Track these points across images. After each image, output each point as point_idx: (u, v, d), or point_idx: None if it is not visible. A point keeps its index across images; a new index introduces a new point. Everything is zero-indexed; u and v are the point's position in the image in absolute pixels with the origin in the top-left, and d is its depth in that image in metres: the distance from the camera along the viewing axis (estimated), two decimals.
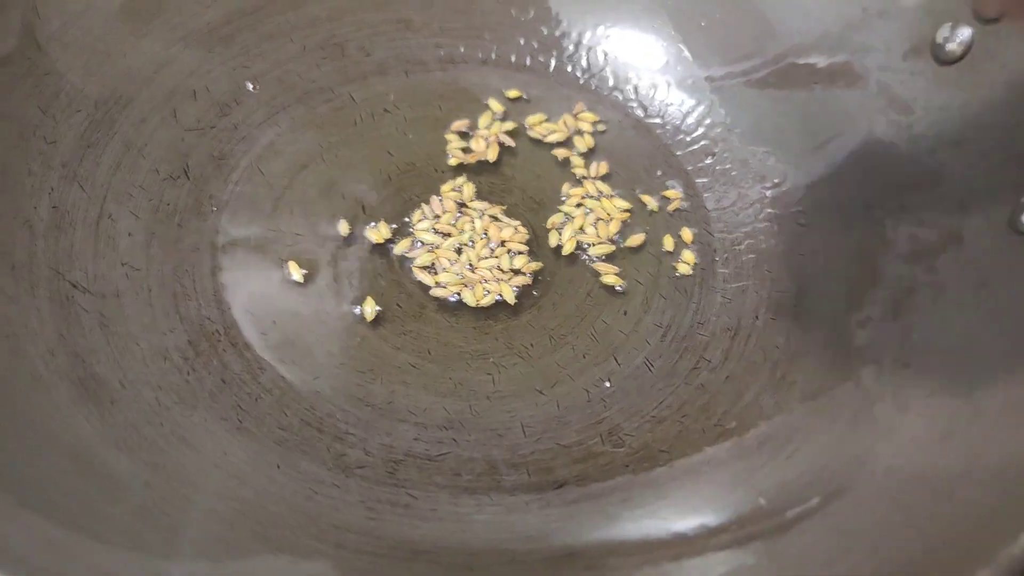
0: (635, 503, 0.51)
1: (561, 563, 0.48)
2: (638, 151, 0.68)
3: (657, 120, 0.69)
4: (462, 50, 0.71)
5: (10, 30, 0.58)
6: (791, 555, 0.46)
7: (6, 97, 0.57)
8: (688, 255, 0.63)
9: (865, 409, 0.52)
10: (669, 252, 0.63)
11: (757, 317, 0.60)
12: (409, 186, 0.65)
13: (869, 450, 0.49)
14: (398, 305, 0.60)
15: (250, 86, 0.66)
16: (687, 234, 0.64)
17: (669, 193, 0.66)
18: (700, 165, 0.67)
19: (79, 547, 0.42)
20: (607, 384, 0.57)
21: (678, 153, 0.68)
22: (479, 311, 0.60)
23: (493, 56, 0.71)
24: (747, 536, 0.47)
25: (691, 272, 0.62)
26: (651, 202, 0.65)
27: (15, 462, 0.44)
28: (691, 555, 0.47)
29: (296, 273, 0.60)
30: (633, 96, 0.70)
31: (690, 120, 0.69)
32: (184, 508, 0.47)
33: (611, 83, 0.71)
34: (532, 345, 0.59)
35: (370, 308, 0.58)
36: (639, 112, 0.70)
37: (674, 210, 0.65)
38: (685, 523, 0.49)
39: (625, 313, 0.60)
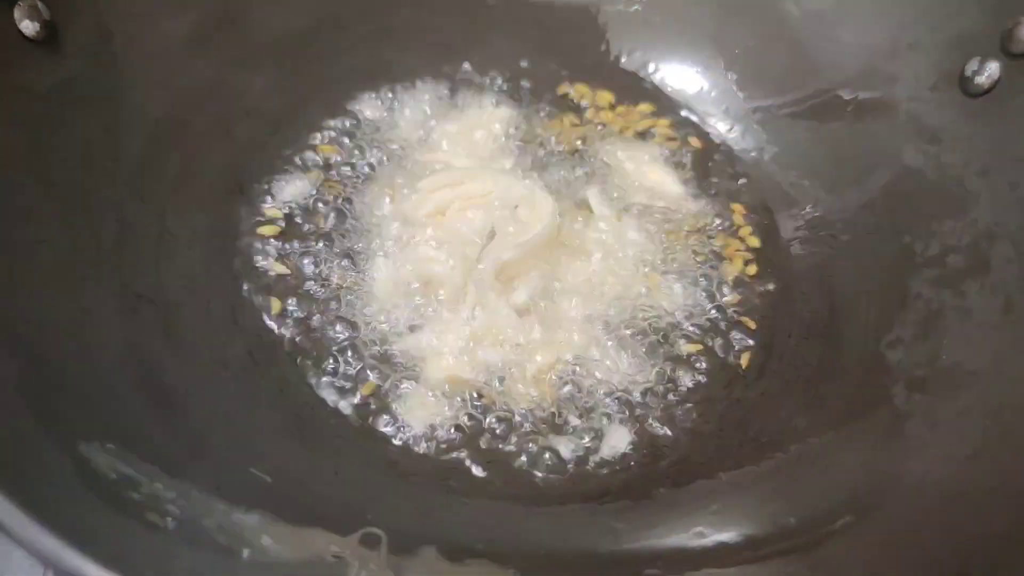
0: (679, 514, 0.53)
1: (608, 570, 0.50)
2: None
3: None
4: None
5: (77, 50, 0.61)
6: (828, 568, 0.48)
7: (73, 115, 0.60)
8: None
9: (896, 427, 0.54)
10: None
11: (790, 336, 0.62)
12: None
13: (900, 467, 0.52)
14: None
15: None
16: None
17: None
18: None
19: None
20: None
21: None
22: None
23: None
24: (786, 549, 0.49)
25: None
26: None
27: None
28: (732, 564, 0.49)
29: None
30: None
31: (729, 144, 0.72)
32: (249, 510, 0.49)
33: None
34: None
35: None
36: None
37: None
38: (726, 534, 0.51)
39: None
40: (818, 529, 0.50)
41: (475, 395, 0.59)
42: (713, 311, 0.64)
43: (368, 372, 0.59)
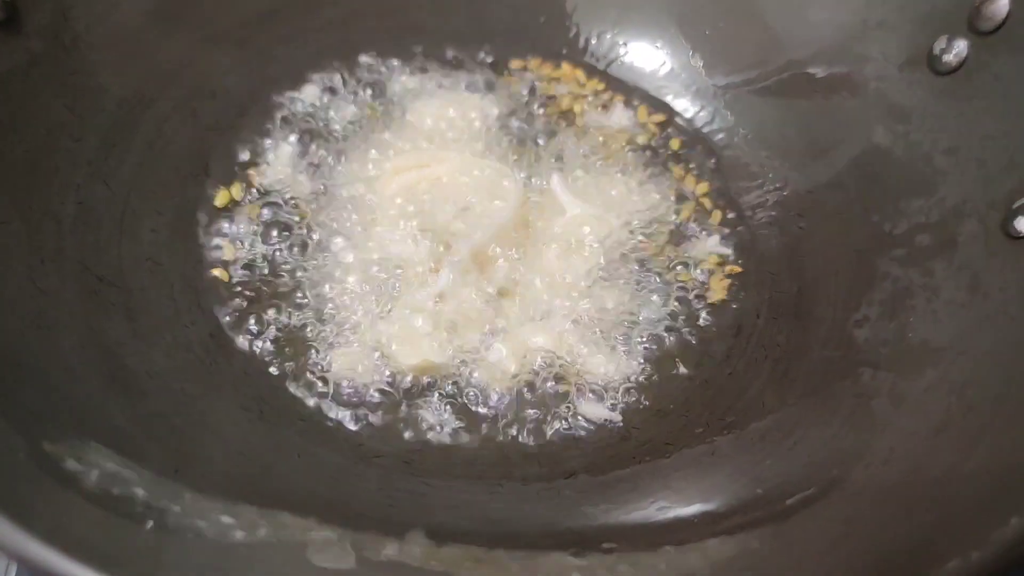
0: (641, 492, 0.53)
1: (570, 547, 0.50)
2: None
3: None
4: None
5: (38, 31, 0.60)
6: (794, 541, 0.48)
7: (34, 96, 0.59)
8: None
9: (863, 404, 0.54)
10: None
11: (759, 316, 0.62)
12: None
13: (866, 443, 0.51)
14: None
15: None
16: None
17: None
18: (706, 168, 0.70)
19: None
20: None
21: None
22: None
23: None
24: (750, 522, 0.49)
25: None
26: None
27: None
28: (696, 540, 0.48)
29: None
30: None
31: (696, 125, 0.71)
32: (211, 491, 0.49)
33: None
34: None
35: None
36: None
37: None
38: (689, 510, 0.51)
39: None
40: (780, 502, 0.50)
41: (442, 379, 0.58)
42: (680, 292, 0.64)
43: (330, 355, 0.59)
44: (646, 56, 0.76)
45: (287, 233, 0.64)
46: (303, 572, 0.44)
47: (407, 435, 0.56)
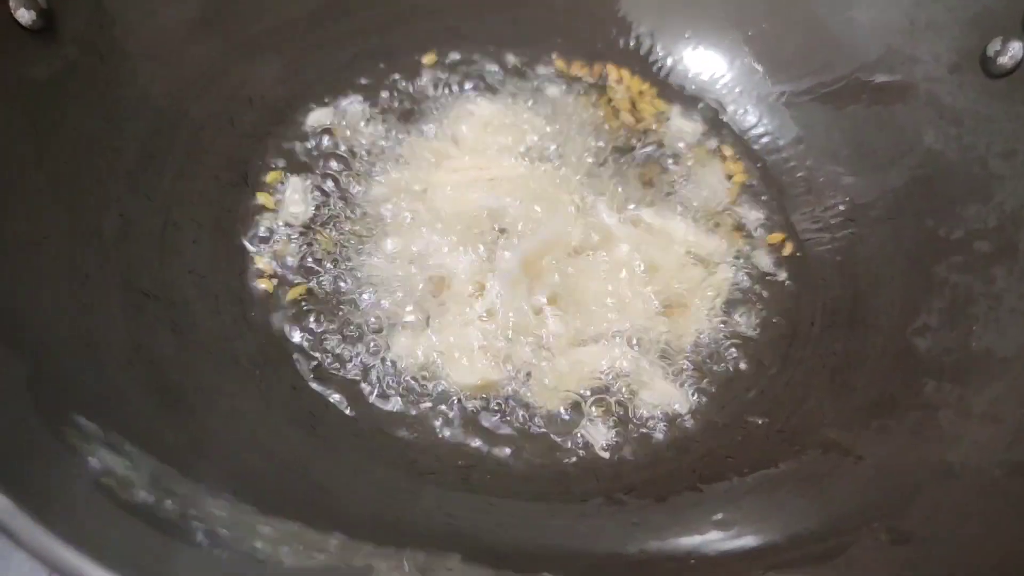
0: (704, 509, 0.52)
1: (637, 570, 0.48)
2: None
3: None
4: None
5: (75, 39, 0.59)
6: (863, 568, 0.46)
7: (72, 106, 0.58)
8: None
9: (929, 416, 0.52)
10: None
11: (813, 324, 0.61)
12: None
13: (935, 456, 0.50)
14: None
15: None
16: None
17: None
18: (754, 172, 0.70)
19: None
20: None
21: None
22: None
23: None
24: (814, 554, 0.48)
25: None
26: None
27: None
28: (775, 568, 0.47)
29: None
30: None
31: (755, 132, 0.70)
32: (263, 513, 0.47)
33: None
34: None
35: None
36: None
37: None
38: (749, 533, 0.50)
39: None
40: (850, 523, 0.49)
41: (496, 395, 0.57)
42: (736, 295, 0.63)
43: (381, 368, 0.58)
44: (704, 63, 0.74)
45: (333, 240, 0.62)
46: None
47: (462, 451, 0.54)
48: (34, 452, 0.41)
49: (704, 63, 0.74)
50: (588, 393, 0.57)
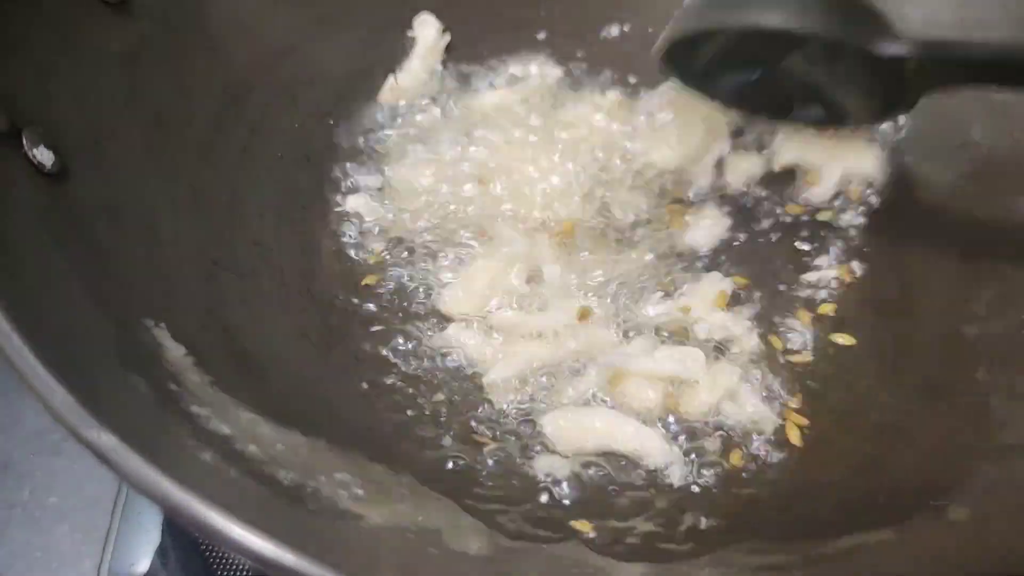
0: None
1: None
2: None
3: None
4: None
5: (148, 13, 0.60)
6: (915, 544, 0.47)
7: (146, 79, 0.59)
8: None
9: (980, 401, 0.54)
10: None
11: (863, 312, 0.62)
12: None
13: (988, 438, 0.51)
14: None
15: None
16: None
17: None
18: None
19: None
20: None
21: None
22: None
23: None
24: (871, 523, 0.49)
25: None
26: None
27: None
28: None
29: None
30: None
31: None
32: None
33: None
34: None
35: None
36: None
37: None
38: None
39: None
40: (902, 505, 0.50)
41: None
42: (782, 287, 0.64)
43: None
44: None
45: (395, 219, 0.64)
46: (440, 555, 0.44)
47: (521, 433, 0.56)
48: (129, 401, 0.42)
49: None
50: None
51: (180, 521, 0.35)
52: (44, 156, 0.49)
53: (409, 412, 0.56)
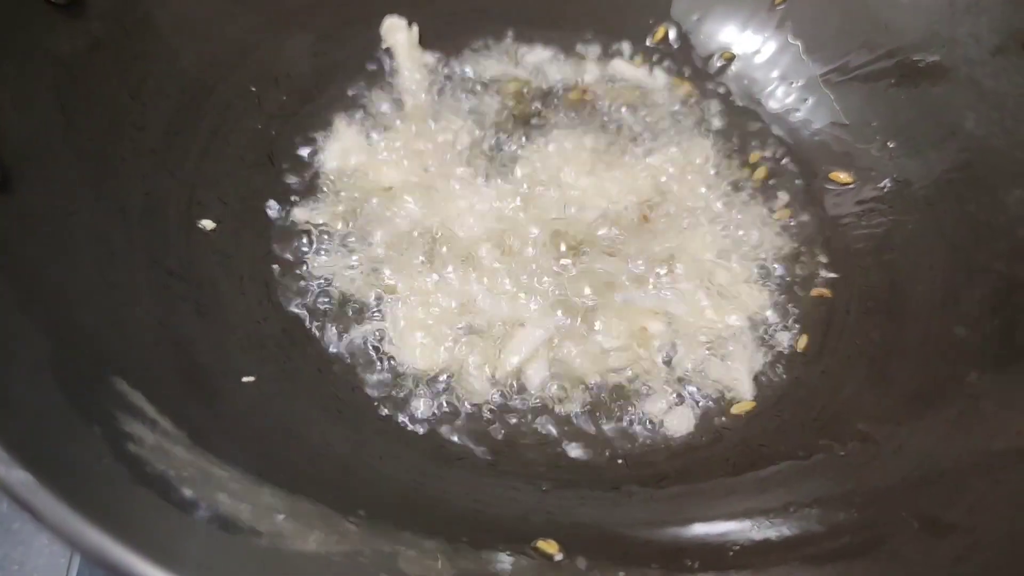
0: (737, 498, 0.51)
1: (671, 558, 0.47)
2: None
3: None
4: None
5: (101, 14, 0.58)
6: (905, 561, 0.45)
7: (98, 82, 0.57)
8: None
9: (970, 407, 0.51)
10: None
11: (849, 311, 0.59)
12: None
13: (978, 446, 0.49)
14: None
15: None
16: None
17: None
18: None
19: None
20: None
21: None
22: None
23: None
24: (847, 546, 0.46)
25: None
26: None
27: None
28: (779, 564, 0.46)
29: None
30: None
31: (793, 111, 0.69)
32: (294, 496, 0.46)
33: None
34: None
35: None
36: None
37: None
38: (779, 524, 0.49)
39: None
40: (888, 521, 0.47)
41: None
42: (770, 286, 0.61)
43: (404, 348, 0.57)
44: (730, 38, 0.73)
45: (356, 224, 0.61)
46: None
47: (490, 439, 0.54)
48: (55, 428, 0.40)
49: (741, 44, 0.73)
50: (618, 378, 0.56)
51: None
52: None
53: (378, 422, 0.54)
